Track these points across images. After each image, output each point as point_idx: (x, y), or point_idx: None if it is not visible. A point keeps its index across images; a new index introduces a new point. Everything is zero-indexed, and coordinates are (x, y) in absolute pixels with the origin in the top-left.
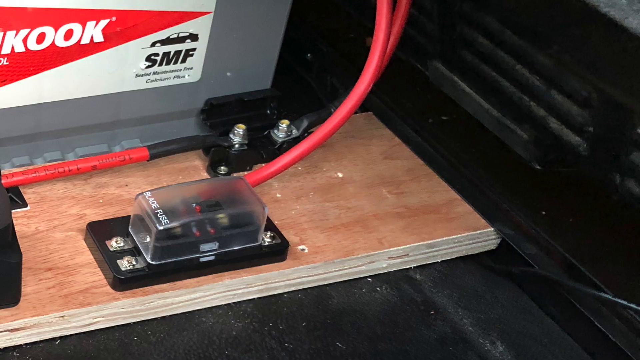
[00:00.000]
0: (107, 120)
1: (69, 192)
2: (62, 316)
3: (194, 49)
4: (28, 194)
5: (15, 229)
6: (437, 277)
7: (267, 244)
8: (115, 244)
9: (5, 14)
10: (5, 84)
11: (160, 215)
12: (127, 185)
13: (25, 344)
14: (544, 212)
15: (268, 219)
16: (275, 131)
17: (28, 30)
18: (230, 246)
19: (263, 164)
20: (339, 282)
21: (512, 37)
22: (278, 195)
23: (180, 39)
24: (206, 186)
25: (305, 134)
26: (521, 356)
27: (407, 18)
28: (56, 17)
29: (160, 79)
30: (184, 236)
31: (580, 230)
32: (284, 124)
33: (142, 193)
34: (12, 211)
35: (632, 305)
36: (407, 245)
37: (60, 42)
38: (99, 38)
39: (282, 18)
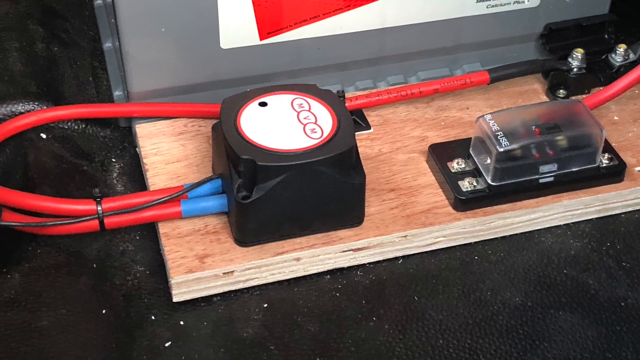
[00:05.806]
0: (448, 44)
1: (411, 114)
2: (405, 236)
3: None
4: (371, 116)
5: (359, 150)
6: None
7: (604, 165)
8: (457, 165)
9: None
10: (349, 9)
11: (500, 137)
12: (467, 108)
13: (368, 263)
14: None
15: (605, 141)
16: (613, 55)
17: None
18: (568, 167)
19: (601, 88)
20: None
21: None
22: (615, 118)
23: None
24: (545, 109)
25: None
26: None
27: None
28: None
29: (501, 4)
30: (524, 158)
31: None
32: (621, 48)
33: (482, 116)
34: (356, 133)
35: None
36: None
37: None
38: None
39: None
